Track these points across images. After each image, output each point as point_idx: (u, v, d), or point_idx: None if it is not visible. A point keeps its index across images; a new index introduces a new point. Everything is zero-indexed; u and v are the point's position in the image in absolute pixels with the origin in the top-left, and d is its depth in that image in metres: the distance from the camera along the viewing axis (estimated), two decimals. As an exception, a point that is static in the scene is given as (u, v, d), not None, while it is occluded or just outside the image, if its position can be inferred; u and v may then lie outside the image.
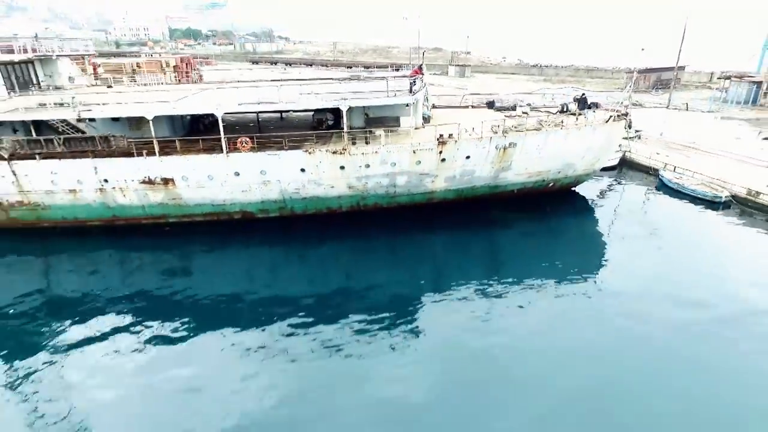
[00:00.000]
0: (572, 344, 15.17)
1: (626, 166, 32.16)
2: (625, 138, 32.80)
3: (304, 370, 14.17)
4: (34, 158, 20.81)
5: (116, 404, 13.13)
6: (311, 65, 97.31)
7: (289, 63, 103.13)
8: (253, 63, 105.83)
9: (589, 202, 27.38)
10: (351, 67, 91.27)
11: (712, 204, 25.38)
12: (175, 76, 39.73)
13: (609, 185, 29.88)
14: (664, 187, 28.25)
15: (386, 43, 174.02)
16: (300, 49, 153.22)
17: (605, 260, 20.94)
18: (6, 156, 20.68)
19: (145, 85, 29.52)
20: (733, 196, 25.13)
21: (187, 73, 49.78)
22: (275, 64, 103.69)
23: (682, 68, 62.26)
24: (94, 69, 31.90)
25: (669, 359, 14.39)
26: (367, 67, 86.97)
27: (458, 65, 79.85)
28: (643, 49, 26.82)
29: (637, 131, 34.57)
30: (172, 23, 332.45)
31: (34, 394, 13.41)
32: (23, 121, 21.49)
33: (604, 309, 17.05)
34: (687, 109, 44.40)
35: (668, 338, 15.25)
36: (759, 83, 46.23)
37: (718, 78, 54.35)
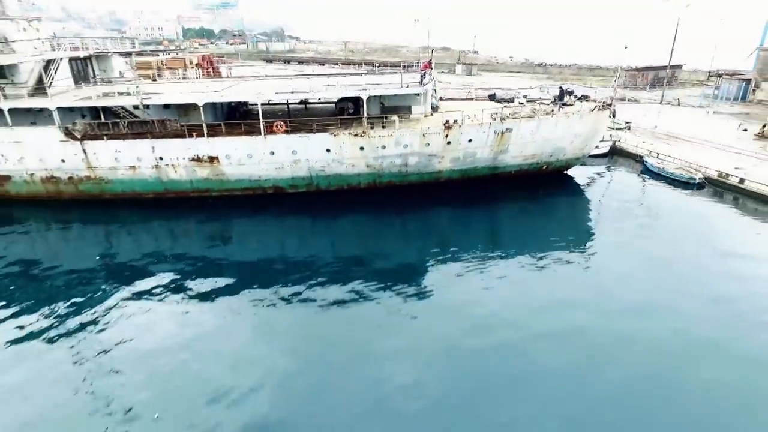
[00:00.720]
0: (562, 307, 17.35)
1: (616, 154, 35.53)
2: (616, 129, 36.33)
3: (322, 321, 16.98)
4: (102, 139, 24.73)
5: (161, 349, 15.57)
6: (323, 64, 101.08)
7: (301, 61, 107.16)
8: (267, 62, 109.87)
9: (580, 185, 30.83)
10: (362, 65, 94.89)
11: (687, 185, 28.79)
12: (199, 73, 43.69)
13: (599, 170, 33.28)
14: (648, 171, 31.65)
15: (395, 43, 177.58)
16: (311, 48, 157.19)
17: (591, 234, 24.26)
18: (79, 137, 24.62)
19: (184, 78, 33.41)
20: (706, 178, 28.52)
21: (208, 70, 53.87)
22: (288, 62, 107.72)
23: (679, 67, 65.41)
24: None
25: (646, 314, 17.04)
26: (378, 65, 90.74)
27: (465, 64, 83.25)
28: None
29: (627, 123, 38.00)
30: (184, 23, 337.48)
31: (92, 339, 16.04)
32: (90, 107, 25.41)
33: (590, 277, 19.80)
34: (678, 105, 47.62)
35: (647, 297, 17.87)
36: (748, 81, 49.32)
37: (710, 76, 57.39)
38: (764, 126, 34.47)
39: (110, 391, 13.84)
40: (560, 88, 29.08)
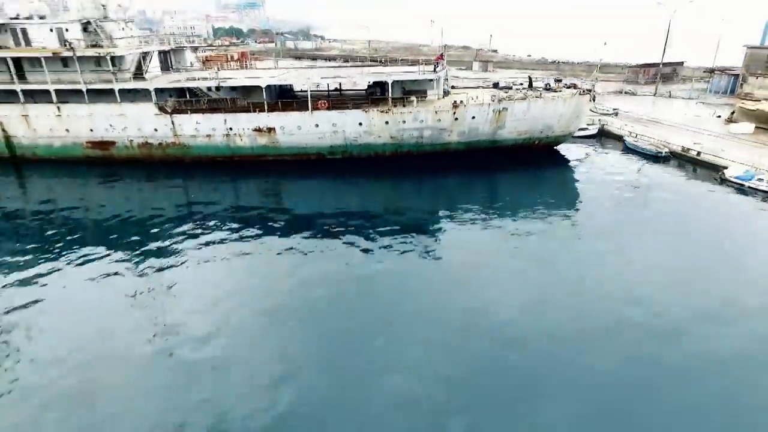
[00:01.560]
0: (551, 257, 22.15)
1: (604, 136, 41.62)
2: (604, 114, 42.55)
3: (353, 258, 22.29)
4: (186, 113, 32.28)
5: (218, 278, 20.76)
6: (348, 61, 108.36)
7: (328, 58, 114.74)
8: (295, 59, 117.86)
9: (570, 159, 37.07)
10: (385, 63, 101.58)
11: (655, 158, 34.92)
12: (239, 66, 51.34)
13: (587, 149, 39.47)
14: (626, 149, 37.79)
15: (417, 42, 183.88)
16: (336, 47, 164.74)
17: (576, 198, 30.10)
18: (169, 111, 32.22)
19: (241, 68, 40.91)
20: (671, 152, 34.63)
21: (245, 64, 61.89)
22: (315, 59, 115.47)
23: (680, 64, 70.60)
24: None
25: (624, 260, 22.42)
26: (400, 61, 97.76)
27: (481, 61, 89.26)
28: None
29: (614, 110, 44.11)
30: (213, 22, 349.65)
31: (163, 271, 21.20)
32: (177, 88, 32.98)
33: (575, 232, 25.38)
34: (670, 97, 53.25)
35: (615, 239, 23.75)
36: (737, 76, 54.61)
37: (704, 72, 62.60)
38: (732, 113, 40.16)
39: (171, 312, 18.29)
40: (528, 77, 35.62)
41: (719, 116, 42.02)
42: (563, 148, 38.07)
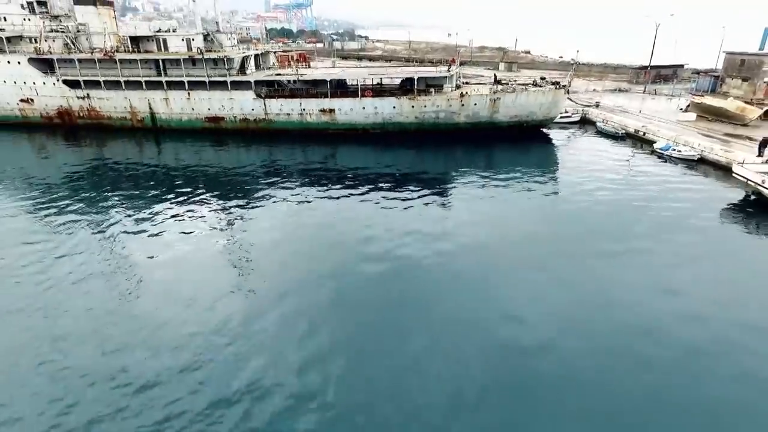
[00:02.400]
0: (535, 215, 37.33)
1: (585, 122, 53.58)
2: (587, 105, 54.55)
3: (383, 207, 37.77)
4: (274, 98, 47.01)
5: (288, 231, 37.66)
6: (389, 61, 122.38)
7: (371, 59, 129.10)
8: (342, 59, 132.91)
9: (554, 140, 49.38)
10: (422, 63, 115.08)
11: (615, 137, 46.89)
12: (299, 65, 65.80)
13: (569, 133, 51.58)
14: (597, 131, 49.78)
15: (454, 42, 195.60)
16: (379, 47, 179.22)
17: (556, 167, 42.17)
18: (262, 96, 47.07)
19: (308, 67, 55.45)
20: (626, 133, 46.53)
21: (304, 64, 76.73)
22: (360, 59, 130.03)
23: (681, 66, 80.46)
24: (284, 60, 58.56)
25: (590, 219, 36.75)
26: (433, 63, 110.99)
27: (507, 62, 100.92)
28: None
29: (596, 102, 55.95)
30: (264, 23, 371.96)
31: (244, 224, 38.39)
32: (269, 80, 47.75)
33: (570, 199, 39.20)
34: (655, 94, 64.15)
35: (588, 204, 37.52)
36: (717, 77, 64.79)
37: (691, 73, 72.55)
38: (688, 105, 51.22)
39: (249, 244, 35.26)
40: (494, 75, 48.26)
41: (681, 108, 53.10)
42: (550, 131, 50.50)
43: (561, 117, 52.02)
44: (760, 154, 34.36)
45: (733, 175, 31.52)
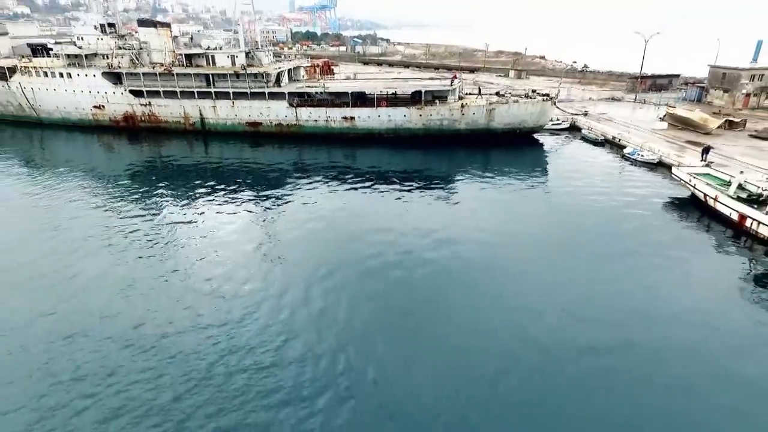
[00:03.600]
0: (528, 210, 46.43)
1: (573, 129, 61.62)
2: (575, 114, 62.64)
3: (397, 199, 47.23)
4: (304, 107, 56.54)
5: (317, 216, 47.14)
6: (408, 66, 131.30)
7: (391, 64, 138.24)
8: (363, 63, 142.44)
9: (544, 145, 57.66)
10: (438, 69, 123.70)
11: (596, 143, 54.95)
12: (321, 75, 75.26)
13: (559, 139, 59.71)
14: (582, 138, 57.85)
15: (471, 46, 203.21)
16: (399, 52, 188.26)
17: (545, 168, 51.09)
18: (295, 105, 56.65)
19: (332, 75, 64.83)
20: (605, 139, 54.55)
21: (328, 72, 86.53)
22: (380, 65, 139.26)
23: (677, 76, 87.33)
24: (312, 71, 68.12)
25: (555, 189, 45.44)
26: (449, 69, 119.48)
27: (517, 70, 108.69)
28: (585, 64, 56.17)
29: (584, 110, 63.91)
30: (289, 24, 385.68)
31: (277, 210, 47.87)
32: (300, 92, 57.29)
33: (546, 192, 47.91)
34: (644, 103, 71.58)
35: (565, 195, 46.18)
36: (703, 87, 71.88)
37: (680, 84, 79.51)
38: (665, 114, 58.72)
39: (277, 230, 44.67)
40: (478, 88, 56.75)
41: (660, 117, 60.64)
42: (541, 136, 58.80)
43: (552, 124, 60.25)
44: (702, 159, 42.22)
45: (672, 175, 39.54)
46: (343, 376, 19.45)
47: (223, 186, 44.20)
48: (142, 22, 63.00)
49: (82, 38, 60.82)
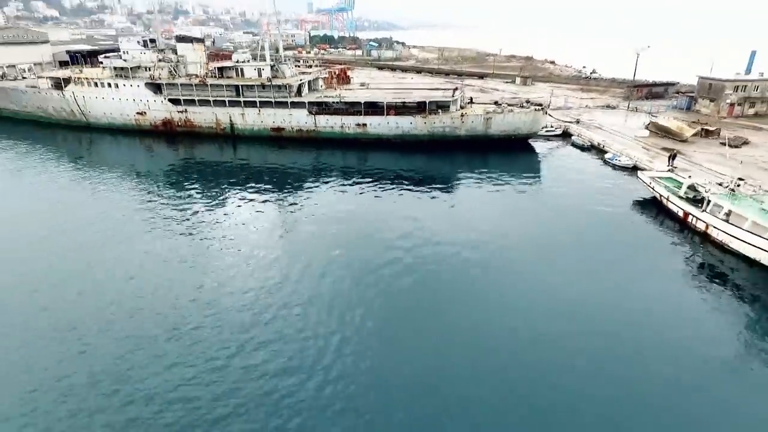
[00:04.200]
0: (518, 207, 53.51)
1: (566, 135, 68.09)
2: (567, 122, 69.18)
3: (403, 197, 54.52)
4: (321, 115, 64.17)
5: (339, 210, 54.68)
6: (420, 72, 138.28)
7: (404, 69, 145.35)
8: (378, 69, 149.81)
9: (538, 150, 64.31)
10: (449, 75, 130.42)
11: (583, 149, 61.48)
12: (338, 82, 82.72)
13: (551, 144, 66.25)
14: (573, 144, 64.36)
15: (485, 50, 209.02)
16: (414, 56, 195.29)
17: (536, 170, 57.72)
18: (313, 113, 64.32)
19: (349, 89, 72.39)
20: (592, 145, 61.03)
21: (345, 80, 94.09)
22: (394, 70, 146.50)
23: (673, 84, 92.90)
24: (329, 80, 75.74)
25: (542, 188, 52.33)
26: (460, 75, 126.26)
27: (523, 76, 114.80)
28: (593, 70, 62.65)
29: (577, 119, 70.35)
30: (307, 26, 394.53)
31: (298, 208, 55.46)
32: (319, 102, 64.95)
33: (535, 192, 54.88)
34: (636, 111, 77.60)
35: (556, 195, 53.21)
36: (692, 97, 77.61)
37: (673, 93, 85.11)
38: (649, 123, 64.83)
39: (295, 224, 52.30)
40: (470, 98, 63.49)
41: (645, 126, 66.73)
42: (535, 142, 65.44)
43: (546, 131, 66.87)
44: (669, 164, 48.57)
45: (637, 178, 46.04)
46: (365, 345, 26.89)
47: (249, 184, 52.12)
48: (180, 39, 71.39)
49: (127, 52, 69.35)
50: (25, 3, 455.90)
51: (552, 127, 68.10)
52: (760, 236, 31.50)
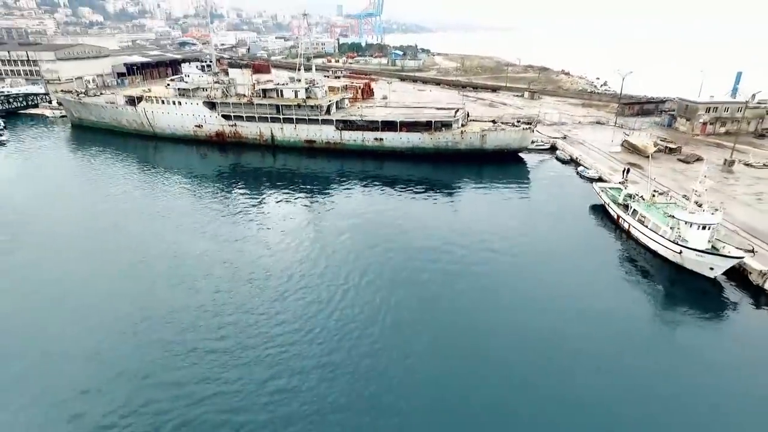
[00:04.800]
0: (503, 209, 66.87)
1: (554, 149, 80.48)
2: (555, 138, 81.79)
3: (413, 200, 68.38)
4: (346, 130, 78.62)
5: (356, 213, 68.84)
6: (439, 84, 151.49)
7: (424, 81, 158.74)
8: (400, 80, 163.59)
9: (527, 162, 77.02)
10: (465, 87, 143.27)
11: (564, 161, 74.03)
12: (362, 96, 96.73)
13: (540, 157, 78.75)
14: (556, 157, 76.85)
15: (504, 59, 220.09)
16: (437, 65, 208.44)
17: (525, 180, 70.92)
18: (340, 129, 78.80)
19: (369, 107, 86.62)
20: (571, 158, 73.54)
21: (369, 94, 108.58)
22: (415, 81, 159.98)
23: (663, 102, 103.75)
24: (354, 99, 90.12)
25: (529, 194, 65.64)
26: (475, 88, 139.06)
27: (531, 91, 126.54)
28: (604, 82, 75.19)
29: (564, 135, 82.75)
30: (335, 33, 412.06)
31: (318, 209, 69.83)
32: (345, 120, 79.37)
33: (521, 198, 68.22)
34: (622, 127, 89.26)
35: (534, 193, 66.39)
36: (673, 115, 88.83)
37: (660, 111, 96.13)
38: (623, 141, 76.65)
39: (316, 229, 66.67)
40: (467, 112, 76.59)
41: (622, 143, 78.47)
42: (526, 155, 78.20)
43: (537, 146, 79.60)
44: (623, 177, 60.87)
45: (593, 188, 58.59)
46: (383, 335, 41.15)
47: (286, 186, 66.83)
48: (232, 65, 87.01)
49: (188, 75, 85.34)
50: (73, 8, 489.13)
51: (542, 142, 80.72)
52: (656, 233, 44.13)
